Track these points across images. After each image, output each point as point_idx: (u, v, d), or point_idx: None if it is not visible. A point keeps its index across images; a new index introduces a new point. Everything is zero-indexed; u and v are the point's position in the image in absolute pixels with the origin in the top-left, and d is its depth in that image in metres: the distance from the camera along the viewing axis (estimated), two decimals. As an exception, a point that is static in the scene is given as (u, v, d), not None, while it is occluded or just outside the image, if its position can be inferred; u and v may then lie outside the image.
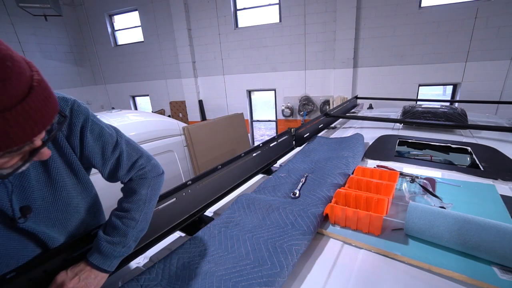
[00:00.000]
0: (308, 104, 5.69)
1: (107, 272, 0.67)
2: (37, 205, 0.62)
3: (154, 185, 0.78)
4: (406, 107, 2.38)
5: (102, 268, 0.65)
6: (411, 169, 1.40)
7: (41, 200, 0.63)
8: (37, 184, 0.62)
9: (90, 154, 0.68)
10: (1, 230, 0.58)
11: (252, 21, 5.89)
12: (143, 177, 0.77)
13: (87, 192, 0.74)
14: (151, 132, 2.46)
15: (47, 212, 0.64)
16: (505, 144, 1.70)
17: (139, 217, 0.72)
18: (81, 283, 0.61)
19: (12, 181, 0.58)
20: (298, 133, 1.95)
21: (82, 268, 0.64)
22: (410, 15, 4.64)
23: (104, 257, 0.66)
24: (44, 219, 0.64)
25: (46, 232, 0.64)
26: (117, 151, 0.72)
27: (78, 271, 0.63)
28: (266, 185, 1.29)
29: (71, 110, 0.64)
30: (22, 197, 0.60)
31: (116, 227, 0.68)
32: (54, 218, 0.66)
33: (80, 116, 0.65)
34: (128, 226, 0.70)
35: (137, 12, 6.75)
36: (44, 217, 0.64)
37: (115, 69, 7.62)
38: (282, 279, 0.69)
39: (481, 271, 0.68)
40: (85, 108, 0.67)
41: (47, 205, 0.64)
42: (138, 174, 0.76)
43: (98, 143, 0.69)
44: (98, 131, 0.69)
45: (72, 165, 0.68)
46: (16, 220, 0.58)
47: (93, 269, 0.64)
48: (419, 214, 0.82)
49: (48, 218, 0.65)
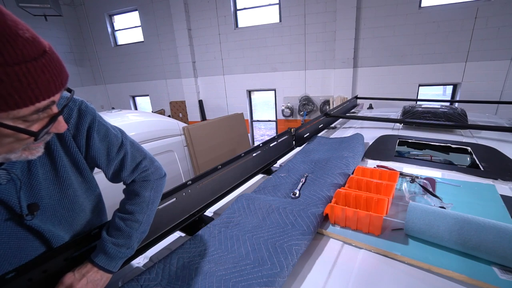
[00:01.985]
0: (308, 104, 5.69)
1: (112, 273, 0.68)
2: (44, 203, 0.63)
3: (157, 188, 0.79)
4: (406, 107, 2.38)
5: (108, 269, 0.67)
6: (411, 169, 1.40)
7: (48, 198, 0.64)
8: (44, 182, 0.63)
9: (95, 154, 0.69)
10: (7, 227, 0.58)
11: (252, 21, 5.89)
12: (146, 179, 0.77)
13: (92, 191, 0.75)
14: (151, 132, 2.46)
15: (53, 210, 0.65)
16: (505, 144, 1.70)
17: (142, 219, 0.73)
18: (89, 284, 0.63)
19: (21, 178, 0.58)
20: (298, 133, 1.95)
21: (89, 269, 0.65)
22: (410, 15, 4.64)
23: (110, 259, 0.67)
24: (50, 217, 0.65)
25: (52, 230, 0.65)
26: (122, 152, 0.73)
27: (85, 272, 0.64)
28: (266, 185, 1.29)
29: (79, 111, 0.65)
30: (30, 195, 0.60)
31: (121, 229, 0.69)
32: (60, 216, 0.67)
33: (87, 117, 0.66)
34: (132, 228, 0.71)
35: (137, 12, 6.75)
36: (50, 215, 0.65)
37: (115, 69, 7.62)
38: (282, 279, 0.69)
39: (481, 271, 0.68)
40: (92, 109, 0.69)
41: (53, 203, 0.65)
42: (141, 176, 0.77)
43: (103, 143, 0.70)
44: (104, 131, 0.70)
45: (78, 164, 0.69)
46: (24, 217, 0.59)
47: (100, 270, 0.66)
48: (419, 214, 0.82)
49: (55, 216, 0.66)
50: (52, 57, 0.46)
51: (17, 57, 0.40)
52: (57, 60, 0.48)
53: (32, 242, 0.63)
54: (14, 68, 0.40)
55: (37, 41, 0.44)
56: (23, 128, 0.45)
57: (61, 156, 0.65)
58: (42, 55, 0.44)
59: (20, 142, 0.47)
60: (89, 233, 0.71)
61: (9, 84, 0.40)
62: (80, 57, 7.56)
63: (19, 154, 0.50)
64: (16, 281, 0.57)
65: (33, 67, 0.42)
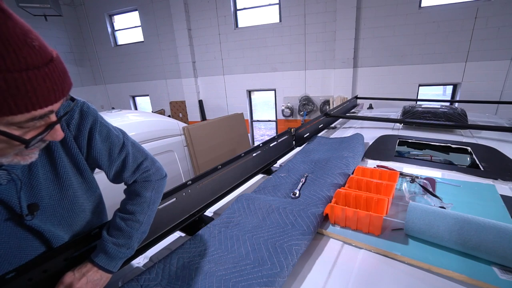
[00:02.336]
0: (308, 104, 5.69)
1: (111, 273, 0.69)
2: (44, 203, 0.63)
3: (158, 188, 0.79)
4: (406, 107, 2.38)
5: (108, 269, 0.67)
6: (411, 169, 1.40)
7: (48, 198, 0.64)
8: (45, 182, 0.63)
9: (97, 155, 0.70)
10: (7, 227, 0.58)
11: (252, 21, 5.89)
12: (148, 180, 0.77)
13: (92, 192, 0.75)
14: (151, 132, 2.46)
15: (53, 211, 0.65)
16: (505, 144, 1.70)
17: (143, 220, 0.73)
18: (88, 284, 0.63)
19: (21, 178, 0.58)
20: (298, 133, 1.95)
21: (89, 269, 0.65)
22: (410, 15, 4.64)
23: (110, 259, 0.67)
24: (50, 217, 0.65)
25: (52, 230, 0.65)
26: (124, 152, 0.73)
27: (85, 271, 0.64)
28: (266, 185, 1.29)
29: (81, 112, 0.66)
30: (30, 195, 0.61)
31: (121, 229, 0.69)
32: (60, 217, 0.67)
33: (89, 117, 0.67)
34: (133, 228, 0.71)
35: (137, 12, 6.75)
36: (50, 215, 0.65)
37: (115, 69, 7.62)
38: (282, 279, 0.69)
39: (481, 271, 0.68)
40: (93, 110, 0.69)
41: (53, 203, 0.65)
42: (142, 176, 0.77)
43: (105, 144, 0.70)
44: (105, 132, 0.70)
45: (79, 165, 0.69)
46: (24, 217, 0.59)
47: (100, 269, 0.66)
48: (419, 214, 0.82)
49: (54, 217, 0.66)
50: (56, 66, 0.47)
51: (20, 65, 0.41)
52: (61, 70, 0.48)
53: (32, 242, 0.63)
54: (14, 75, 0.40)
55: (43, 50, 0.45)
56: (14, 134, 0.45)
57: (61, 156, 0.65)
58: (46, 64, 0.45)
59: (13, 147, 0.47)
60: (89, 233, 0.71)
61: (6, 90, 0.40)
62: (80, 57, 7.56)
63: (11, 159, 0.50)
64: (16, 281, 0.57)
65: (34, 75, 0.43)
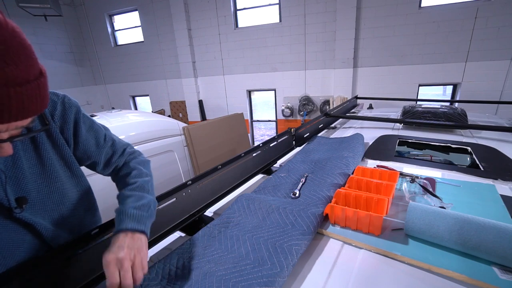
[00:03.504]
0: (308, 104, 5.69)
1: (145, 234, 0.65)
2: (32, 197, 0.63)
3: (148, 167, 0.84)
4: (406, 107, 2.38)
5: (140, 229, 0.63)
6: (411, 169, 1.40)
7: (36, 192, 0.64)
8: (31, 176, 0.63)
9: (85, 144, 0.73)
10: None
11: (252, 21, 5.89)
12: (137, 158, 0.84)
13: (81, 185, 0.77)
14: (151, 132, 2.46)
15: (42, 204, 0.66)
16: (505, 144, 1.70)
17: (147, 187, 0.74)
18: (133, 250, 0.58)
19: (5, 171, 0.59)
20: (298, 133, 1.95)
21: (123, 238, 0.59)
22: (410, 15, 4.64)
23: (137, 221, 0.63)
24: (40, 211, 0.65)
25: (42, 223, 0.65)
26: (109, 139, 0.79)
27: (120, 243, 0.58)
28: (266, 185, 1.29)
29: (63, 103, 0.68)
30: (17, 188, 0.61)
31: (132, 195, 0.68)
32: (50, 210, 0.67)
33: (72, 108, 0.70)
34: (143, 190, 0.72)
35: (137, 12, 6.75)
36: (40, 209, 0.65)
37: (115, 69, 7.62)
38: (282, 279, 0.69)
39: (481, 271, 0.68)
40: (75, 102, 0.72)
41: (42, 197, 0.65)
42: (131, 157, 0.83)
43: (91, 133, 0.75)
44: (89, 122, 0.75)
45: (65, 157, 0.70)
46: (13, 210, 0.59)
47: (134, 233, 0.62)
48: (419, 214, 0.82)
49: (44, 210, 0.66)
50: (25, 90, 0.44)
51: None
52: (32, 93, 0.45)
53: (24, 235, 0.63)
54: None
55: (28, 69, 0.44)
56: None
57: (47, 150, 0.66)
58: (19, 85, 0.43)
59: None
60: (89, 233, 0.71)
61: None
62: (80, 57, 7.56)
63: None
64: (16, 281, 0.57)
65: None
